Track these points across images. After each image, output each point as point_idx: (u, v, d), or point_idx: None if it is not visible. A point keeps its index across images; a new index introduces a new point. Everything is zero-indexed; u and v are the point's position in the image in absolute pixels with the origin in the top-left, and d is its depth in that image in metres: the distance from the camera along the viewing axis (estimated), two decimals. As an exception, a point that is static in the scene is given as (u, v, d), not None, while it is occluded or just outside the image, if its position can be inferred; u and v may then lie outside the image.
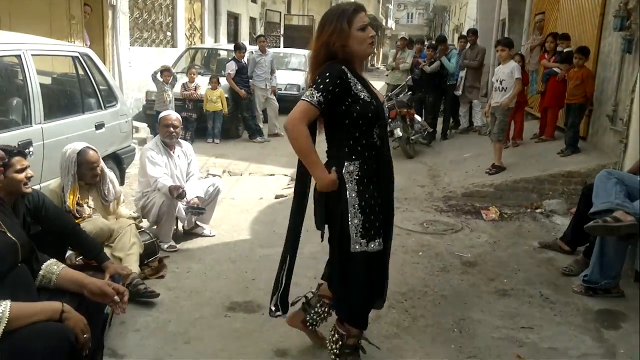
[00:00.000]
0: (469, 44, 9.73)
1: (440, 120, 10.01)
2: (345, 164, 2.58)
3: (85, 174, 3.74)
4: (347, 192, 2.57)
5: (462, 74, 9.57)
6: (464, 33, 14.22)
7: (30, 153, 3.89)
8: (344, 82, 2.50)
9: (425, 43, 10.73)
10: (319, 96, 2.46)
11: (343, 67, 2.53)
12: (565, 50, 7.17)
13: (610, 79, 6.42)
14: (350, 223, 2.58)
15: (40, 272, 2.34)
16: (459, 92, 9.62)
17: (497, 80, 6.73)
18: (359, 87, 2.56)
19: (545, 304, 3.69)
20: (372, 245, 2.62)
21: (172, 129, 4.51)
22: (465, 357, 3.04)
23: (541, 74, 7.91)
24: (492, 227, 5.31)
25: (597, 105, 6.76)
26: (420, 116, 9.37)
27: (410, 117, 8.69)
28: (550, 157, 6.66)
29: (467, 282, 4.02)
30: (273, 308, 2.90)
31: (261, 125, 9.93)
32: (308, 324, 3.04)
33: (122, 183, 5.38)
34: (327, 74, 2.49)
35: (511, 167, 6.68)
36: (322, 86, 2.47)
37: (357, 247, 2.60)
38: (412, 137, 8.64)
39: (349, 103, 2.53)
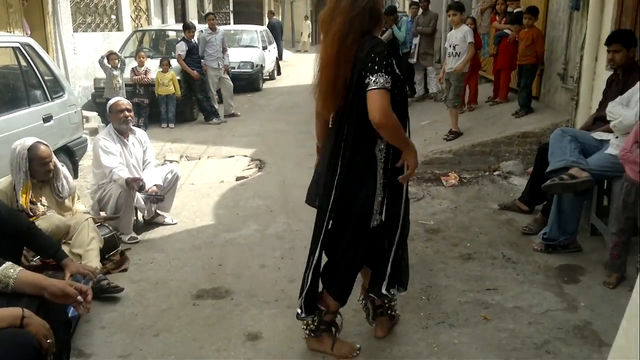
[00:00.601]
0: (421, 10, 9.71)
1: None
2: (378, 141, 2.53)
3: (37, 170, 3.60)
4: (377, 170, 2.55)
5: (416, 41, 9.56)
6: (414, -1, 14.25)
7: None
8: (391, 59, 2.43)
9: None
10: (389, 79, 2.37)
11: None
12: (515, 11, 7.25)
13: (560, 38, 6.53)
14: (375, 200, 2.57)
15: None
16: (413, 60, 9.63)
17: (450, 46, 6.75)
18: (394, 63, 2.47)
19: (508, 264, 3.78)
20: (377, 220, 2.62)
21: (126, 112, 4.40)
22: (434, 323, 3.09)
23: (493, 37, 7.99)
24: (452, 193, 5.38)
25: (547, 64, 6.88)
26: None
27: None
28: (505, 119, 6.78)
29: (431, 249, 4.08)
30: (299, 310, 2.78)
31: (216, 106, 9.75)
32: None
33: (75, 176, 5.21)
34: (385, 53, 2.39)
35: (468, 131, 6.77)
36: (389, 68, 2.38)
37: (375, 222, 2.61)
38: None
39: (393, 80, 2.43)
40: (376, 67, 2.36)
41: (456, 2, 7.01)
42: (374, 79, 2.36)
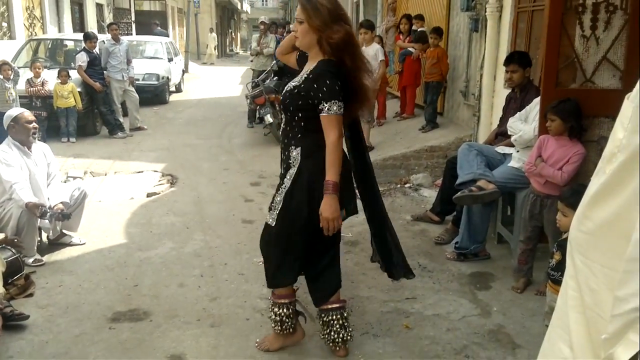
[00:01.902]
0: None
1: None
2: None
3: None
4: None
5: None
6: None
7: None
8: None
9: (287, 27, 10.79)
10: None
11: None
12: (419, 30, 7.62)
13: (461, 57, 6.95)
14: None
15: None
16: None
17: (362, 63, 6.94)
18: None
19: (424, 273, 3.93)
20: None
21: (35, 124, 4.17)
22: (358, 334, 3.14)
23: (397, 55, 8.35)
24: (367, 205, 5.51)
25: (450, 82, 7.29)
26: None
27: (278, 102, 8.69)
28: (413, 133, 7.08)
29: (351, 261, 4.16)
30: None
31: (121, 119, 9.34)
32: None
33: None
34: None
35: (379, 146, 7.00)
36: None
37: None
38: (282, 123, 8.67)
39: None
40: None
41: (367, 21, 7.25)
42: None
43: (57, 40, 11.57)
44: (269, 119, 8.27)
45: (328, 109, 2.55)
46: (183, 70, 16.32)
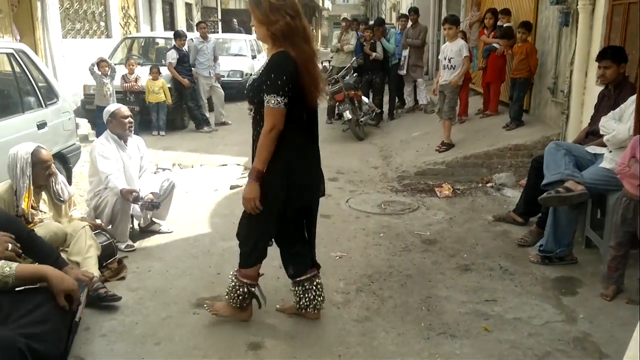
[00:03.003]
0: (410, 23, 9.83)
1: (386, 100, 10.10)
2: None
3: (39, 174, 3.59)
4: None
5: (406, 53, 9.67)
6: (402, 11, 14.43)
7: None
8: None
9: (369, 24, 10.76)
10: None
11: None
12: (505, 25, 7.37)
13: (549, 52, 6.65)
14: None
15: None
16: (403, 72, 9.74)
17: (445, 58, 6.82)
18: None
19: (505, 275, 3.82)
20: None
21: (130, 118, 4.45)
22: (435, 334, 3.11)
23: (481, 50, 8.11)
24: (447, 204, 5.43)
25: (537, 78, 6.99)
26: (368, 97, 9.43)
27: (357, 99, 8.73)
28: (496, 131, 6.86)
29: (429, 260, 4.11)
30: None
31: (207, 114, 9.73)
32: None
33: (70, 183, 5.15)
34: None
35: (460, 143, 6.84)
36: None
37: None
38: (361, 119, 8.70)
39: None
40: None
41: (452, 16, 7.12)
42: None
43: (150, 39, 12.21)
44: (347, 115, 8.31)
45: (267, 101, 2.72)
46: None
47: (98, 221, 4.20)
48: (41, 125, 4.83)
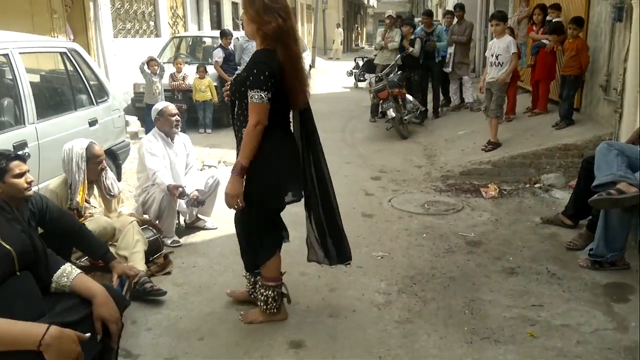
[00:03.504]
0: (456, 19, 9.67)
1: (430, 98, 9.97)
2: None
3: (92, 169, 3.73)
4: None
5: (451, 50, 9.52)
6: (448, 8, 14.18)
7: (28, 155, 3.81)
8: None
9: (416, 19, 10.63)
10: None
11: None
12: (554, 20, 7.14)
13: (602, 49, 6.40)
14: None
15: (53, 285, 2.28)
16: (448, 69, 9.58)
17: (492, 55, 6.67)
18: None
19: (553, 280, 3.71)
20: None
21: (177, 116, 4.55)
22: (479, 338, 3.05)
23: (530, 47, 7.89)
24: (492, 205, 5.32)
25: (589, 76, 6.75)
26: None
27: (402, 97, 8.65)
28: (545, 130, 6.67)
29: (473, 262, 4.03)
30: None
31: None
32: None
33: (119, 179, 5.30)
34: None
35: (507, 142, 6.69)
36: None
37: None
38: (405, 117, 8.61)
39: None
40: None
41: (499, 12, 6.96)
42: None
43: (197, 38, 12.43)
44: (391, 113, 8.25)
45: (251, 97, 2.77)
46: (310, 66, 16.74)
47: (146, 216, 4.32)
48: (92, 123, 4.98)
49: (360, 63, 16.00)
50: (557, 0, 7.64)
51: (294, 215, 5.07)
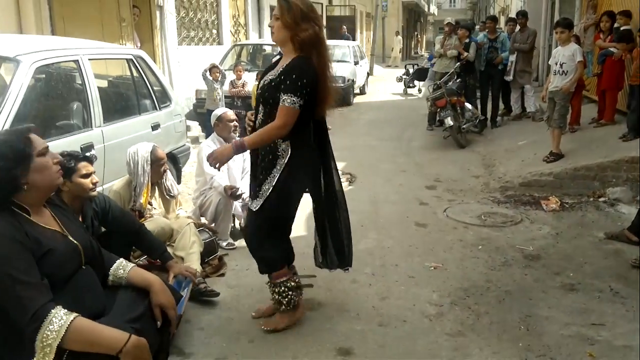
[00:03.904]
0: (518, 27, 9.43)
1: (490, 107, 9.75)
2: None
3: (155, 171, 3.88)
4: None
5: (513, 58, 9.28)
6: (512, 15, 13.85)
7: (95, 157, 3.99)
8: None
9: (477, 27, 10.46)
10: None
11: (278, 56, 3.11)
12: (622, 28, 6.84)
13: (675, 58, 6.08)
14: None
15: (110, 278, 2.39)
16: (509, 77, 9.34)
17: (556, 64, 6.45)
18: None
19: (616, 299, 3.53)
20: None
21: (235, 122, 4.65)
22: (534, 356, 2.94)
23: (597, 55, 7.59)
24: (553, 218, 5.13)
25: (660, 86, 6.42)
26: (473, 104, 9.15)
27: (460, 105, 8.50)
28: (612, 142, 6.38)
29: (531, 277, 3.90)
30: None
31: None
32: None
33: (178, 182, 5.47)
34: None
35: (570, 154, 6.44)
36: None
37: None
38: (464, 126, 8.46)
39: None
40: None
41: (564, 19, 6.73)
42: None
43: (257, 46, 12.68)
44: (449, 121, 8.12)
45: (283, 100, 2.80)
46: (368, 73, 16.74)
47: (203, 219, 4.43)
48: (155, 127, 5.16)
49: (411, 70, 16.06)
50: (628, 6, 7.33)
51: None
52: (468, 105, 8.82)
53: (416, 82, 15.92)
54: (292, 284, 3.21)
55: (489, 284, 3.79)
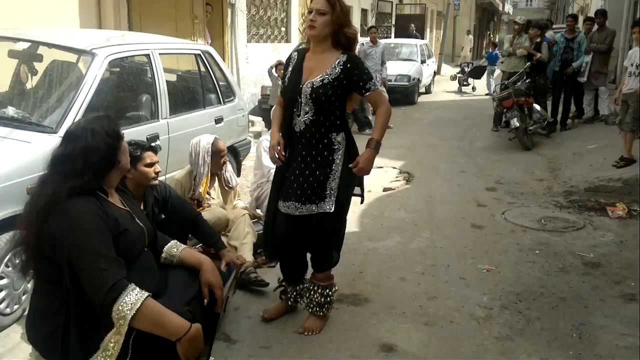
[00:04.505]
0: (596, 26, 9.00)
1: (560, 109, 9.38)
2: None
3: (216, 162, 4.01)
4: None
5: (588, 59, 8.88)
6: (590, 14, 13.23)
7: (159, 147, 4.18)
8: (286, 67, 3.11)
9: (547, 28, 10.10)
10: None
11: (293, 53, 3.10)
12: None
13: None
14: None
15: (163, 255, 2.52)
16: (583, 79, 8.94)
17: (632, 65, 6.15)
18: (289, 69, 3.03)
19: (681, 312, 3.35)
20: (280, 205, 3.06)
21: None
22: (585, 365, 2.85)
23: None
24: (618, 225, 4.90)
25: None
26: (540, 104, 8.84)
27: (528, 106, 8.23)
28: (690, 149, 6.01)
29: (588, 284, 3.76)
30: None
31: (370, 117, 9.90)
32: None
33: (238, 175, 5.63)
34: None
35: (643, 159, 6.12)
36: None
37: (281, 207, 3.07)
38: (530, 128, 8.19)
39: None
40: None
41: (642, 18, 6.39)
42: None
43: (324, 43, 12.74)
44: (515, 122, 7.89)
45: (374, 84, 2.92)
46: (435, 72, 16.51)
47: (258, 211, 4.56)
48: (218, 120, 5.34)
49: (466, 69, 16.37)
50: None
51: (400, 220, 5.09)
52: (536, 107, 8.53)
53: (470, 80, 16.20)
54: (335, 288, 3.25)
55: (542, 290, 3.69)
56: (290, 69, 3.02)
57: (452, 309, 3.45)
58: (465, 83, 16.32)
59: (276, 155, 3.01)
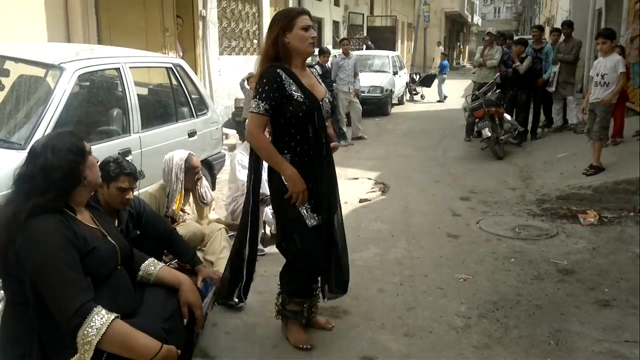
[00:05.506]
0: (563, 37, 9.23)
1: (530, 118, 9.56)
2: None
3: (189, 179, 3.94)
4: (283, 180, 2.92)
5: (556, 69, 9.09)
6: (556, 26, 13.57)
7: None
8: (279, 85, 2.77)
9: (515, 38, 10.30)
10: (264, 105, 2.76)
11: (278, 70, 2.79)
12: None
13: None
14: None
15: (140, 273, 2.46)
16: (552, 89, 9.14)
17: (597, 75, 6.30)
18: (293, 88, 2.81)
19: (654, 317, 3.42)
20: (309, 221, 2.94)
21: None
22: (562, 372, 2.87)
23: (643, 67, 7.37)
24: (590, 232, 4.99)
25: None
26: (511, 115, 8.99)
27: (499, 116, 8.37)
28: (656, 156, 6.17)
29: (563, 292, 3.81)
30: (237, 300, 3.28)
31: (345, 128, 9.95)
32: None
33: (213, 189, 5.56)
34: (265, 81, 2.77)
35: (611, 167, 6.25)
36: (264, 95, 2.76)
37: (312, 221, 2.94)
38: (502, 137, 8.32)
39: (284, 103, 2.79)
40: (257, 95, 2.79)
41: (607, 29, 6.57)
42: (253, 104, 2.81)
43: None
44: (487, 132, 8.01)
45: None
46: (407, 83, 16.71)
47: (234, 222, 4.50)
48: (192, 134, 5.28)
49: (416, 78, 17.74)
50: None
51: (377, 231, 5.10)
52: (507, 117, 8.68)
53: (419, 89, 17.47)
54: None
55: (519, 298, 3.71)
56: (293, 87, 2.80)
57: (430, 319, 3.45)
58: (414, 92, 17.41)
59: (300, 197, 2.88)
